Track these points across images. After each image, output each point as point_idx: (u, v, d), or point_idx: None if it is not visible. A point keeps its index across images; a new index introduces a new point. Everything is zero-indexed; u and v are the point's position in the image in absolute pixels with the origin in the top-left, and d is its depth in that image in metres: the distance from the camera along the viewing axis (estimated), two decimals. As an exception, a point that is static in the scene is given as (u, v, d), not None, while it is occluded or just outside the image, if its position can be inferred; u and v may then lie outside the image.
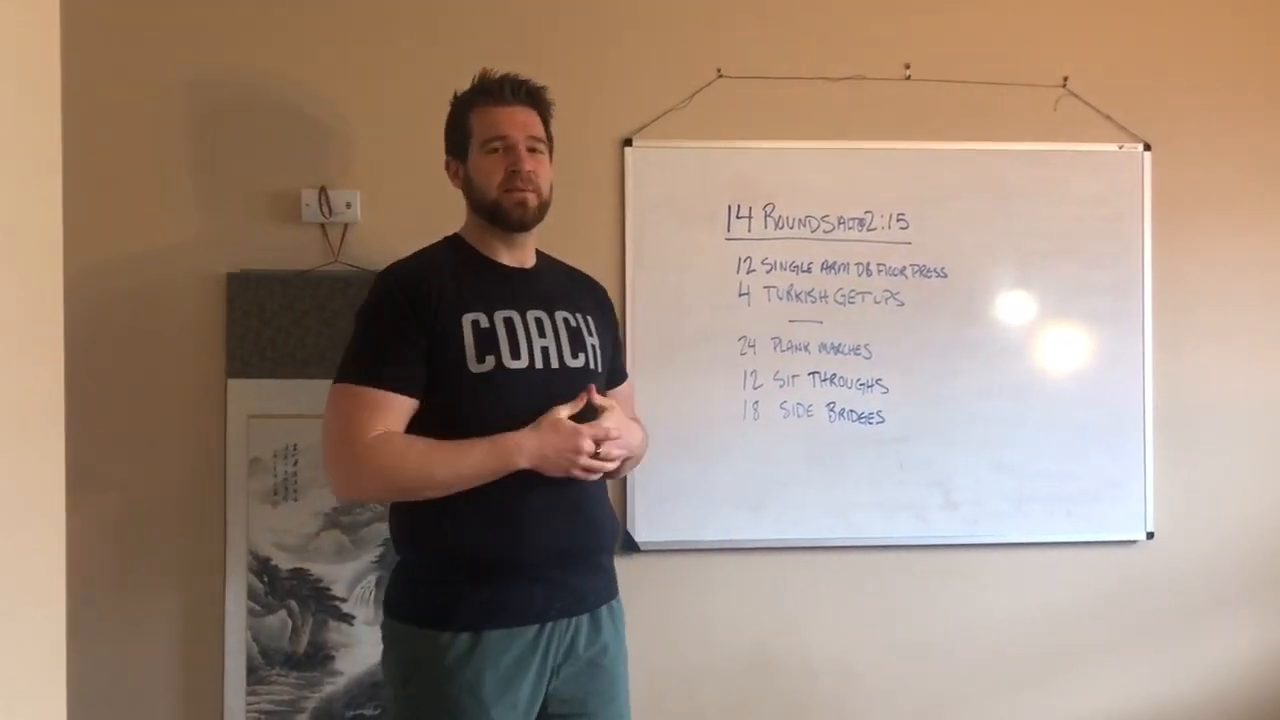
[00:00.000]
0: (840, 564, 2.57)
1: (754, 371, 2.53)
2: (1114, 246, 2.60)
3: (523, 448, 1.81)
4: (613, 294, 2.49)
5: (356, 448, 1.79)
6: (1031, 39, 2.61)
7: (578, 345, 1.97)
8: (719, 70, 2.54)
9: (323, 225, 2.46)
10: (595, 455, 1.85)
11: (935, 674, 2.60)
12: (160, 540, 2.45)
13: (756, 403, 2.53)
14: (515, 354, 1.87)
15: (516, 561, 1.83)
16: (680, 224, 2.52)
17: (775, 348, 2.54)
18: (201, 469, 2.44)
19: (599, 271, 2.47)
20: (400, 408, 1.82)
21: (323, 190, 2.44)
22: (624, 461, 1.98)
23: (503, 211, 1.93)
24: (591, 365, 1.98)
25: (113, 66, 2.42)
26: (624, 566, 2.48)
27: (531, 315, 1.92)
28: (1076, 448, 2.58)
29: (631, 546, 2.50)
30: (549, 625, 1.85)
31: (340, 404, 1.83)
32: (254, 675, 2.42)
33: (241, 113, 2.47)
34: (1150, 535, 2.61)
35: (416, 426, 1.85)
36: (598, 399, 1.92)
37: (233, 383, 2.43)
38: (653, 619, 2.53)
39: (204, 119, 2.47)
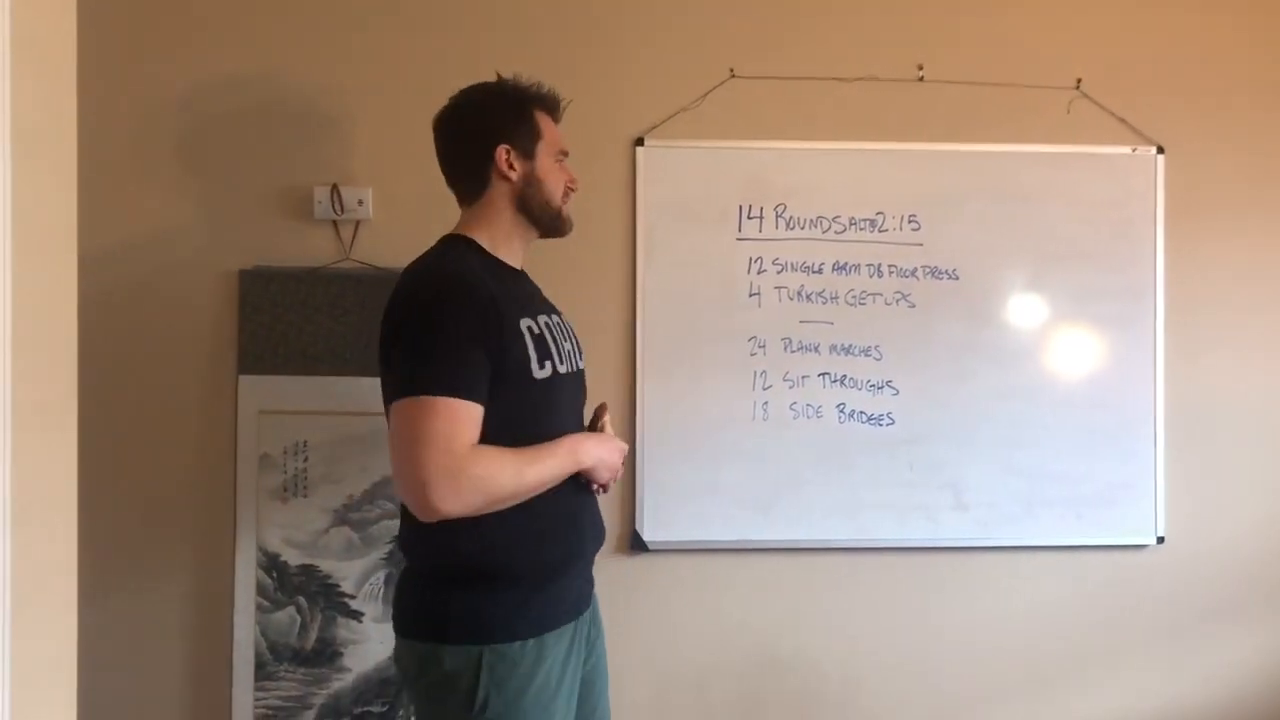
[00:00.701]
0: (850, 565, 2.56)
1: (764, 372, 2.53)
2: (1126, 249, 2.59)
3: (588, 451, 1.85)
4: (623, 293, 2.50)
5: (458, 459, 1.68)
6: (1045, 41, 2.61)
7: (579, 347, 2.01)
8: (731, 70, 2.54)
9: (334, 222, 2.47)
10: None
11: (945, 676, 2.59)
12: (170, 535, 2.46)
13: (766, 403, 2.53)
14: (561, 359, 1.88)
15: (569, 563, 1.86)
16: (691, 224, 2.52)
17: (786, 348, 2.54)
18: (212, 464, 2.45)
19: (609, 270, 2.48)
20: (479, 418, 1.73)
21: (335, 187, 2.45)
22: None
23: (562, 220, 1.95)
24: (583, 366, 2.03)
25: (127, 64, 2.43)
26: (632, 566, 2.49)
27: (554, 319, 1.94)
28: (1088, 451, 2.57)
29: (640, 546, 2.50)
30: (580, 617, 1.90)
31: (429, 416, 1.68)
32: (262, 671, 2.43)
33: (254, 110, 2.47)
34: (1161, 539, 2.60)
35: (483, 435, 1.75)
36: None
37: (244, 379, 2.44)
38: (661, 619, 2.53)
39: (216, 116, 2.47)
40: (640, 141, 2.52)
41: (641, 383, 2.50)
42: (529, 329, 1.81)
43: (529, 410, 1.80)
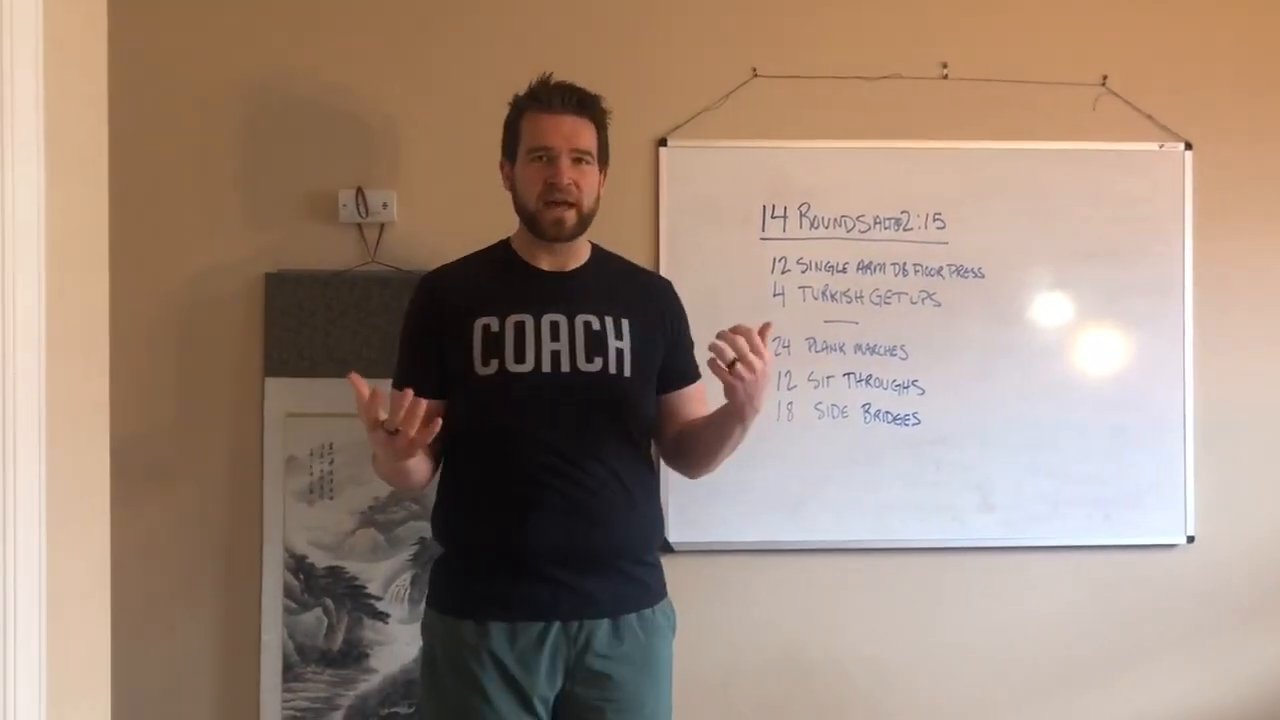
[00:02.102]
0: (876, 566, 2.55)
1: (789, 372, 2.52)
2: (1154, 247, 2.57)
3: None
4: (647, 294, 2.49)
5: None
6: (1070, 37, 2.59)
7: (596, 349, 1.93)
8: (754, 69, 2.53)
9: (359, 225, 2.48)
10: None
11: (971, 677, 2.58)
12: (197, 537, 2.47)
13: (791, 404, 2.52)
14: (520, 358, 1.90)
15: (518, 557, 1.87)
16: (715, 224, 2.51)
17: (810, 348, 2.53)
18: (239, 467, 2.46)
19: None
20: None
21: (360, 191, 2.45)
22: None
23: (538, 224, 1.94)
24: (614, 370, 1.94)
25: (153, 70, 2.44)
26: (658, 567, 2.48)
27: (547, 319, 1.93)
28: (1116, 450, 2.55)
29: (666, 547, 2.50)
30: (556, 625, 1.86)
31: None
32: (289, 672, 2.44)
33: (279, 114, 2.49)
34: (1191, 539, 2.58)
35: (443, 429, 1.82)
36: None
37: (270, 381, 2.45)
38: (686, 620, 2.50)
39: (242, 121, 2.49)
40: (663, 142, 2.52)
41: (666, 383, 2.50)
42: (484, 327, 1.92)
43: (474, 404, 1.92)
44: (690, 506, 2.50)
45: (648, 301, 2.06)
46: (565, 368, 1.91)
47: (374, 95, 2.49)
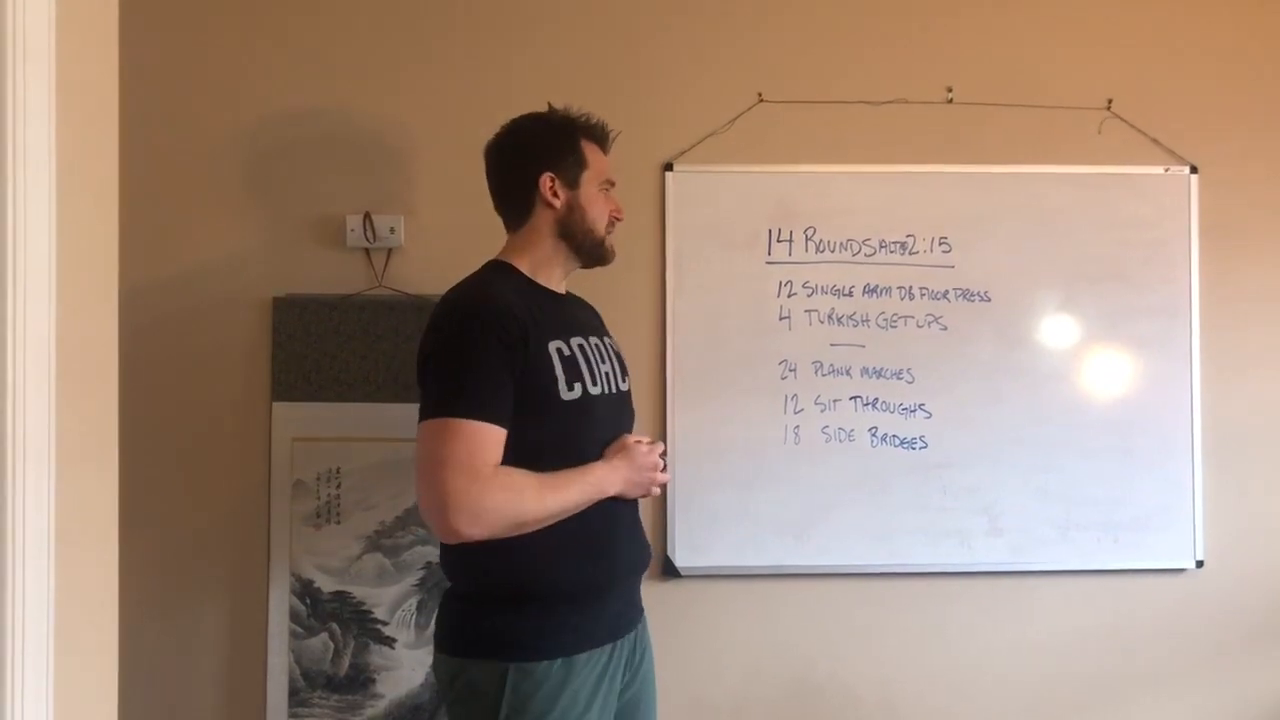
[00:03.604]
0: (884, 590, 2.54)
1: (795, 396, 2.52)
2: (1161, 270, 2.57)
3: (609, 475, 1.86)
4: (653, 318, 2.51)
5: (480, 483, 1.71)
6: (1075, 61, 2.60)
7: (624, 369, 2.04)
8: (760, 94, 2.55)
9: (367, 250, 2.49)
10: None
11: (980, 702, 2.56)
12: (204, 562, 2.47)
13: (797, 427, 2.52)
14: (594, 380, 1.90)
15: (602, 584, 1.87)
16: (721, 248, 2.52)
17: (816, 372, 2.53)
18: (246, 491, 2.46)
19: (639, 295, 2.48)
20: (503, 441, 1.76)
21: (367, 215, 2.47)
22: None
23: (604, 250, 1.99)
24: (630, 388, 2.06)
25: (162, 96, 2.46)
26: (665, 592, 2.48)
27: (592, 341, 1.96)
28: (1124, 474, 2.54)
29: (672, 572, 2.49)
30: (619, 641, 1.90)
31: (452, 439, 1.72)
32: (295, 697, 2.43)
33: (288, 139, 2.50)
34: (1200, 563, 2.56)
35: (509, 457, 1.78)
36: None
37: (277, 405, 2.45)
38: (694, 645, 2.52)
39: (250, 146, 2.50)
40: (669, 166, 2.53)
41: (672, 407, 2.50)
42: (558, 351, 1.85)
43: (558, 432, 1.83)
44: (697, 531, 2.49)
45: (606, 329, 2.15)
46: (613, 389, 1.96)
47: (382, 121, 2.51)
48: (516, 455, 1.77)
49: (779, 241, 2.53)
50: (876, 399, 2.53)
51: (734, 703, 2.53)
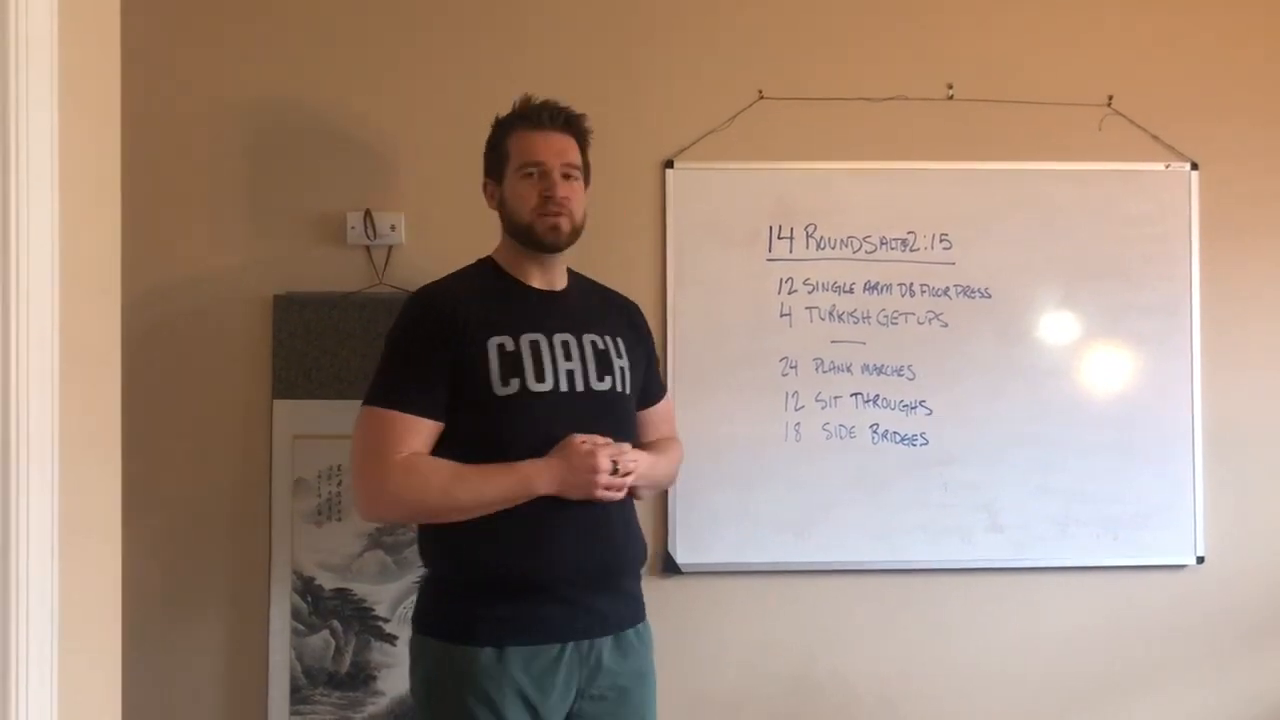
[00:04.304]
0: (884, 587, 2.54)
1: (795, 393, 2.52)
2: (1161, 267, 2.57)
3: (542, 473, 1.85)
4: (654, 315, 2.50)
5: (383, 469, 1.85)
6: (1075, 58, 2.60)
7: (604, 368, 1.99)
8: (760, 92, 2.55)
9: (367, 248, 2.49)
10: (614, 474, 1.88)
11: (980, 700, 2.56)
12: (205, 559, 2.47)
13: (798, 424, 2.52)
14: (540, 377, 1.90)
15: (539, 580, 1.86)
16: (721, 245, 2.52)
17: (817, 369, 2.53)
18: (247, 489, 2.46)
19: (639, 293, 2.47)
20: (426, 431, 1.88)
21: (368, 213, 2.47)
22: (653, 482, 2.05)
23: (535, 234, 1.97)
24: (619, 388, 2.00)
25: (163, 94, 2.46)
26: (665, 589, 2.48)
27: (558, 338, 1.95)
28: (1124, 470, 2.54)
29: (673, 569, 2.49)
30: (570, 645, 1.87)
31: (368, 427, 1.89)
32: (297, 695, 2.43)
33: (288, 137, 2.50)
34: (1201, 559, 2.57)
35: (445, 449, 1.89)
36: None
37: (278, 403, 2.46)
38: (695, 642, 2.52)
39: (251, 143, 2.50)
40: (670, 164, 2.53)
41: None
42: (499, 346, 1.89)
43: (493, 426, 1.89)
44: (698, 528, 2.50)
45: (629, 321, 2.14)
46: (580, 387, 1.94)
47: (382, 118, 2.50)
48: (449, 446, 1.89)
49: (779, 238, 2.53)
50: (877, 396, 2.53)
51: (734, 699, 2.53)
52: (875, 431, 2.53)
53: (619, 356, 2.02)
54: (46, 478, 1.10)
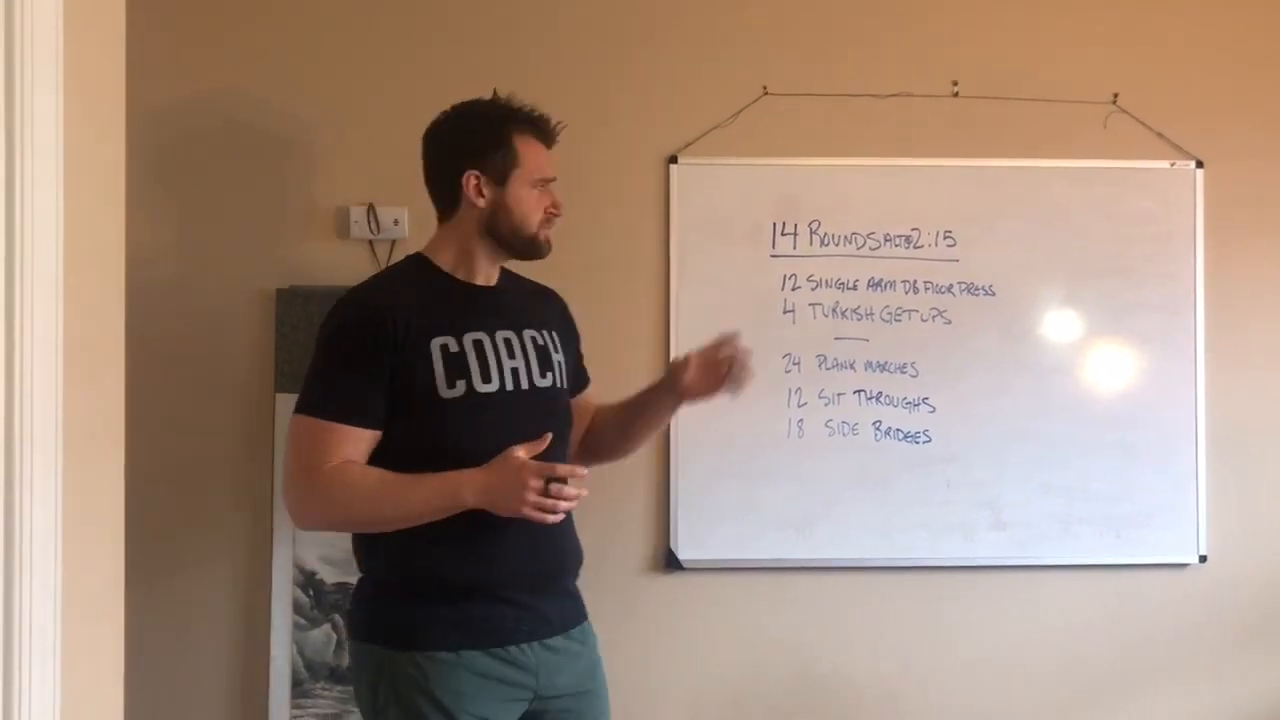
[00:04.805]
0: (886, 585, 2.54)
1: (799, 389, 2.52)
2: (1165, 265, 2.57)
3: (470, 485, 1.76)
4: (657, 311, 2.50)
5: (311, 480, 1.78)
6: (1081, 55, 2.59)
7: (545, 364, 1.94)
8: (765, 87, 2.54)
9: (370, 242, 2.48)
10: (548, 494, 1.74)
11: (982, 697, 2.57)
12: (208, 552, 2.48)
13: (801, 421, 2.52)
14: (486, 377, 1.84)
15: (487, 584, 1.82)
16: (725, 241, 2.52)
17: (820, 365, 2.53)
18: (249, 483, 2.47)
19: (643, 289, 2.48)
20: (359, 440, 1.79)
21: (371, 207, 2.47)
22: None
23: (537, 245, 1.93)
24: (559, 383, 1.97)
25: (166, 89, 2.45)
26: (667, 585, 2.49)
27: (500, 336, 1.89)
28: (1127, 468, 2.54)
29: (674, 564, 2.50)
30: (516, 648, 1.83)
31: (298, 435, 1.81)
32: (299, 688, 2.44)
33: (291, 131, 2.50)
34: (1203, 558, 2.57)
35: (387, 455, 1.80)
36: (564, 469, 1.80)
37: (281, 397, 2.45)
38: (697, 638, 2.52)
39: (255, 137, 2.50)
40: (674, 159, 2.52)
41: (676, 400, 2.50)
42: (442, 348, 1.82)
43: (436, 430, 1.82)
44: (700, 524, 2.50)
45: (559, 314, 2.09)
46: (525, 384, 1.89)
47: (385, 111, 2.50)
48: (391, 453, 1.80)
49: (783, 235, 2.53)
50: (880, 393, 2.53)
51: (735, 696, 2.53)
52: (878, 428, 2.53)
53: (556, 351, 1.97)
54: (50, 472, 1.10)
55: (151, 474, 2.40)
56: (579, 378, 2.13)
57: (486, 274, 1.95)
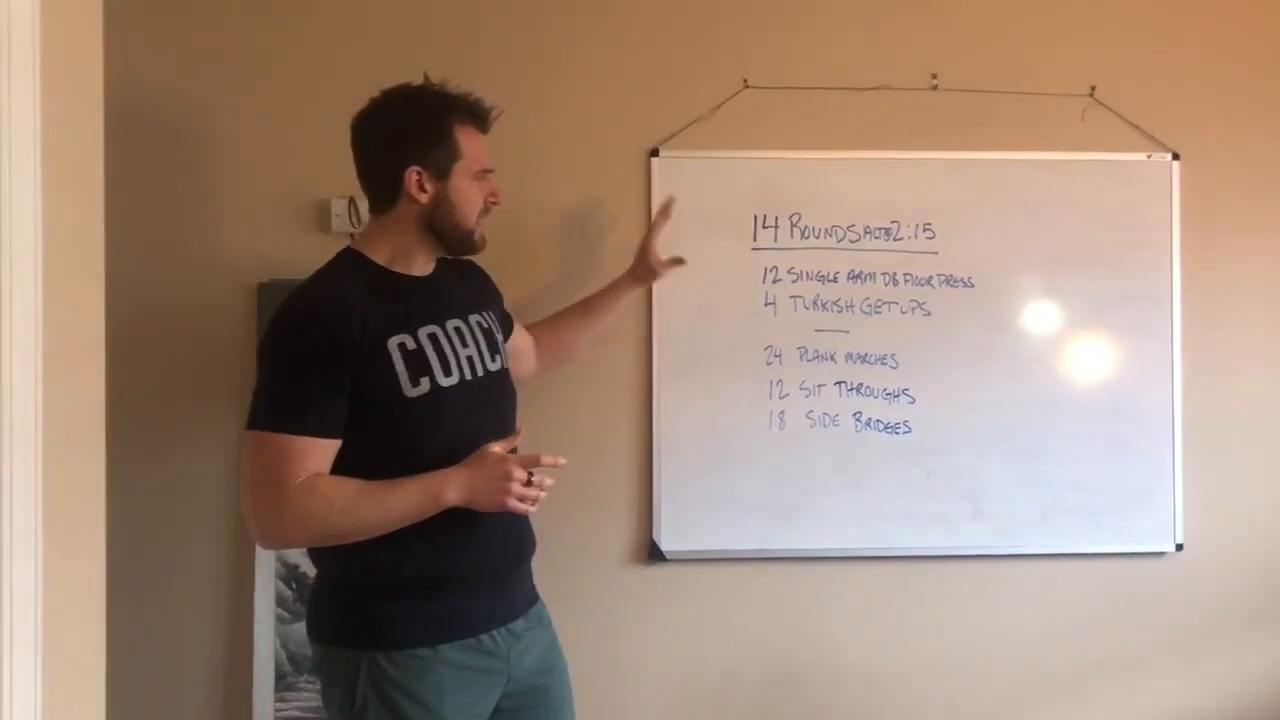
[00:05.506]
0: (868, 574, 2.56)
1: (780, 381, 2.53)
2: (1143, 256, 2.59)
3: (451, 483, 1.74)
4: (639, 303, 2.51)
5: (280, 497, 1.69)
6: (1058, 48, 2.60)
7: (493, 347, 1.93)
8: (745, 81, 2.55)
9: (352, 235, 2.48)
10: (529, 485, 1.76)
11: (963, 685, 2.59)
12: (190, 548, 2.47)
13: (783, 412, 2.53)
14: (447, 370, 1.81)
15: (458, 577, 1.81)
16: (706, 234, 2.53)
17: (801, 357, 2.54)
18: (231, 477, 2.46)
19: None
20: (324, 451, 1.72)
21: (352, 200, 2.46)
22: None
23: (473, 241, 1.90)
24: (504, 364, 1.97)
25: (142, 79, 2.45)
26: (650, 576, 2.50)
27: (450, 325, 1.86)
28: (1106, 458, 2.56)
29: (657, 556, 2.51)
30: (488, 636, 1.83)
31: (259, 453, 1.71)
32: (282, 682, 2.44)
33: (270, 123, 2.49)
34: (1180, 547, 2.59)
35: (350, 459, 1.75)
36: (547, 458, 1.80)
37: (263, 391, 2.45)
38: (679, 629, 2.53)
39: (233, 130, 2.49)
40: (655, 152, 2.53)
41: (658, 393, 2.51)
42: (400, 346, 1.76)
43: (403, 431, 1.78)
44: (682, 515, 2.51)
45: (486, 286, 2.07)
46: (480, 372, 1.87)
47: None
48: (358, 459, 1.74)
49: (764, 227, 2.54)
50: (861, 384, 2.54)
51: (718, 686, 2.55)
52: (859, 420, 2.54)
53: (497, 331, 1.97)
54: (30, 467, 1.10)
55: (132, 468, 2.41)
56: (507, 324, 2.11)
57: (423, 266, 1.90)
